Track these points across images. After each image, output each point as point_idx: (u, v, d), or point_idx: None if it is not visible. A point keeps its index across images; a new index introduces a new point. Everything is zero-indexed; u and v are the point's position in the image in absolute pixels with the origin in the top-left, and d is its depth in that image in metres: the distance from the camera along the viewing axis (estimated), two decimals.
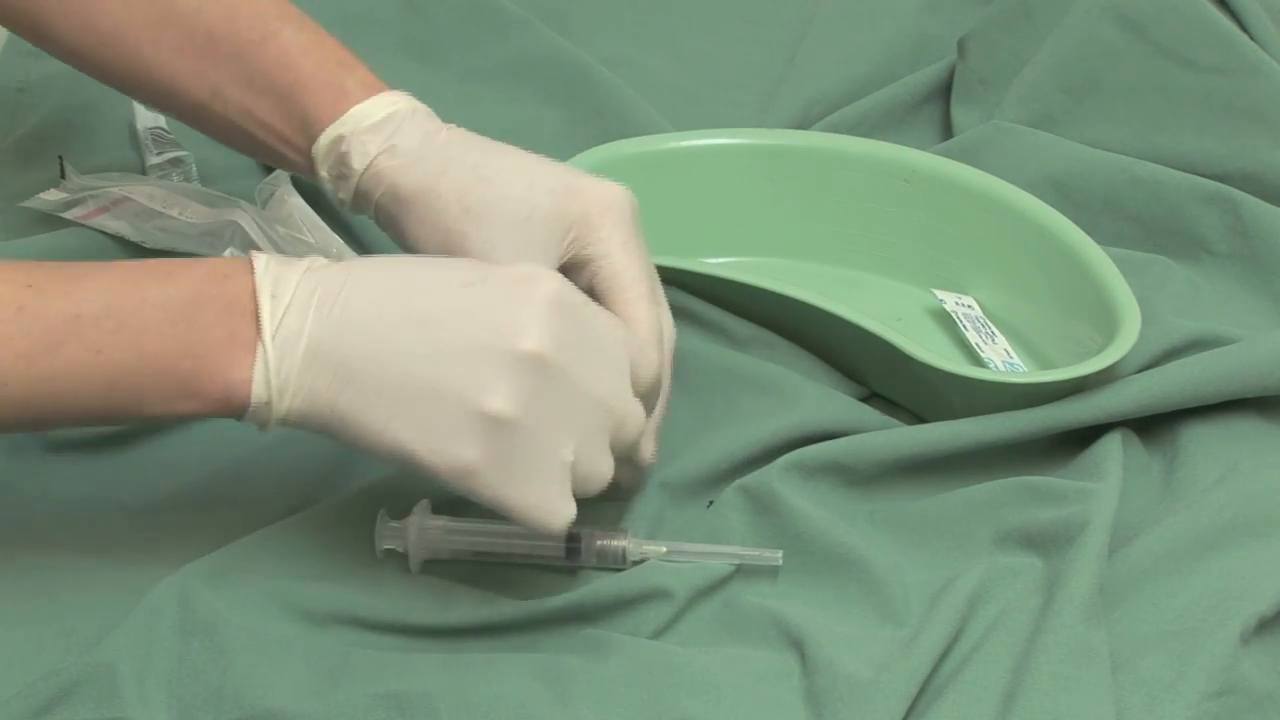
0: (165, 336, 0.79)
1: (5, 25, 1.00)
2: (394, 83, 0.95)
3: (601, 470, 0.82)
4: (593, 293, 0.88)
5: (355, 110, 0.93)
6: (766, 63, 1.30)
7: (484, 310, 0.79)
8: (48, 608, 0.86)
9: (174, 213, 1.07)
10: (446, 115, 1.14)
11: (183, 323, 0.79)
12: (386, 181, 0.92)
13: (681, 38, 1.34)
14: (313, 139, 0.93)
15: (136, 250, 1.07)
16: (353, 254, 1.07)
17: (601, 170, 1.06)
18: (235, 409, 0.81)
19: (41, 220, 1.09)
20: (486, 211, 0.89)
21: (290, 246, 1.04)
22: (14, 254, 1.06)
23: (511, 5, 1.30)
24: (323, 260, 0.82)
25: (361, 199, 0.93)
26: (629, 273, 0.89)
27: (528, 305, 0.79)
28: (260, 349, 0.80)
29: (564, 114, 1.22)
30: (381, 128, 0.92)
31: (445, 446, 0.79)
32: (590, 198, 0.90)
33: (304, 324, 0.80)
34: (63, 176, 1.11)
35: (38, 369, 0.78)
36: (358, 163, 0.92)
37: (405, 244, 0.92)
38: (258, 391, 0.80)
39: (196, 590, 0.84)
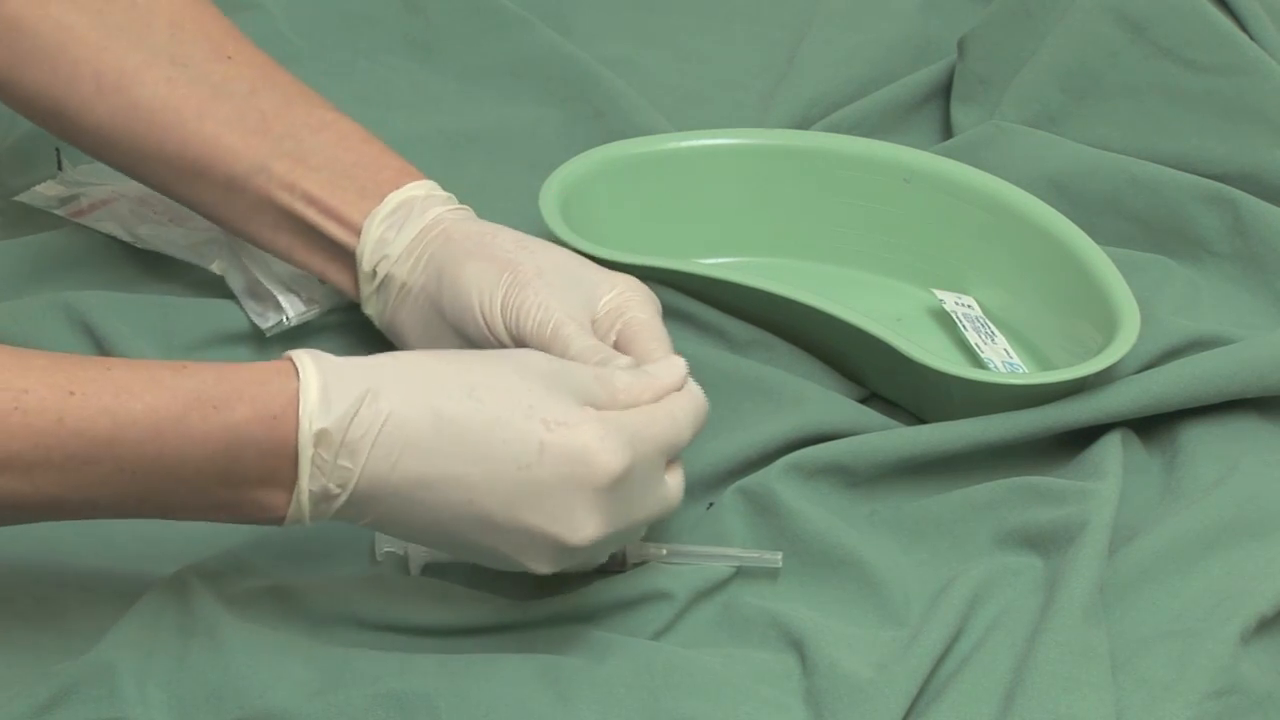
0: (203, 470, 0.79)
1: (30, 118, 1.02)
2: (394, 83, 0.96)
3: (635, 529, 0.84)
4: (619, 344, 0.90)
5: (424, 182, 0.97)
6: (766, 63, 1.30)
7: (541, 502, 0.79)
8: (48, 608, 0.86)
9: (164, 219, 1.07)
10: (446, 115, 1.14)
11: (222, 459, 0.79)
12: (443, 226, 0.94)
13: (681, 38, 1.34)
14: (368, 209, 0.96)
15: (129, 250, 1.07)
16: None
17: (602, 170, 1.07)
18: (270, 524, 0.82)
19: (38, 217, 1.09)
20: (542, 250, 0.93)
21: (273, 264, 1.03)
22: (13, 253, 1.06)
23: (511, 5, 1.30)
24: (367, 389, 0.79)
25: (408, 255, 0.95)
26: (659, 329, 0.91)
27: (585, 496, 0.79)
28: (295, 499, 0.79)
29: (564, 114, 1.22)
30: (449, 200, 0.97)
31: (478, 550, 0.82)
32: (629, 279, 0.93)
33: (351, 478, 0.79)
34: (59, 168, 1.11)
35: (72, 479, 0.78)
36: (418, 217, 0.95)
37: (445, 283, 0.93)
38: (306, 514, 0.80)
39: (196, 590, 0.84)
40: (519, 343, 0.90)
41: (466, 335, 0.93)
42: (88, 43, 0.97)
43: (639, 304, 0.92)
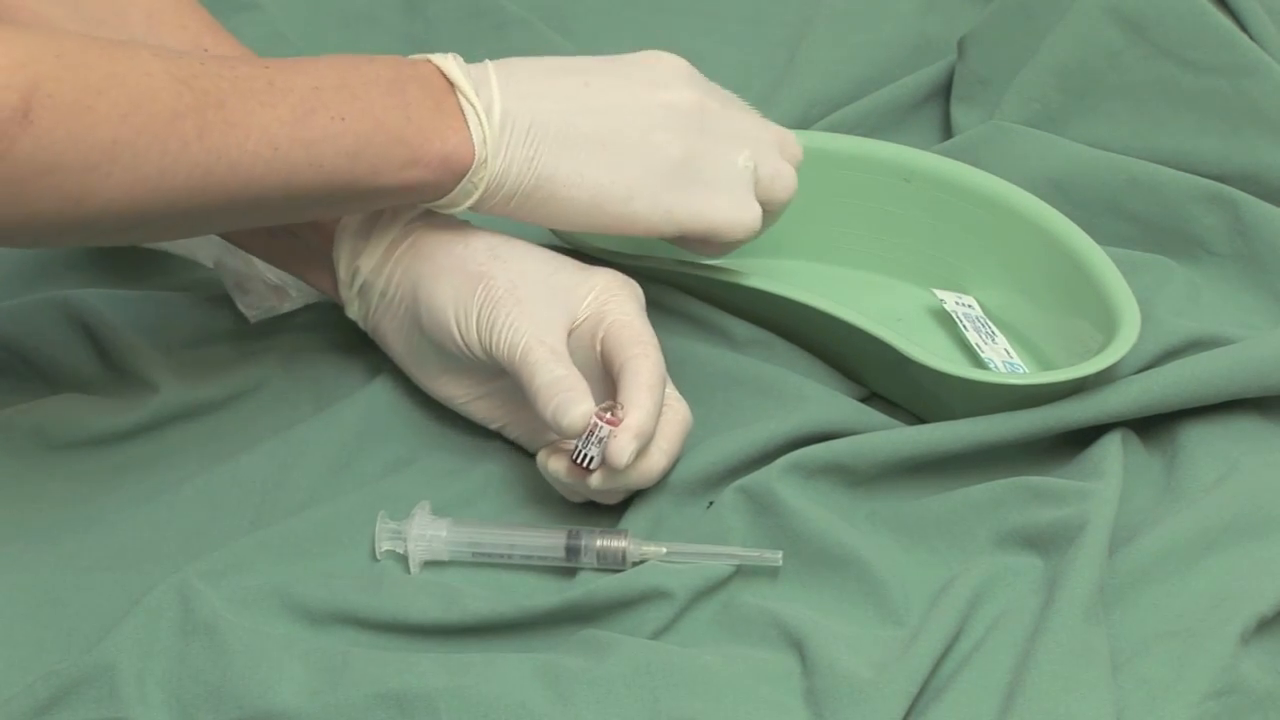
0: (389, 106, 0.87)
1: None
2: None
3: (784, 173, 0.96)
4: (603, 347, 0.90)
5: None
6: (766, 63, 1.30)
7: (636, 71, 0.93)
8: (48, 608, 0.86)
9: None
10: None
11: (398, 94, 0.88)
12: (413, 236, 0.94)
13: (682, 38, 1.33)
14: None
15: (125, 249, 1.08)
16: None
17: None
18: (455, 172, 0.89)
19: None
20: (516, 258, 0.92)
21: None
22: (13, 254, 1.06)
23: (511, 5, 1.30)
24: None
25: (381, 265, 0.94)
26: (642, 329, 0.91)
27: (669, 65, 0.93)
28: (471, 112, 0.88)
29: None
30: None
31: (636, 184, 0.91)
32: (608, 275, 0.93)
33: (492, 95, 0.89)
34: None
35: (298, 134, 0.84)
36: (388, 224, 0.94)
37: (421, 298, 0.93)
38: (477, 151, 0.88)
39: (196, 590, 0.84)
40: (493, 361, 0.90)
41: (444, 349, 0.93)
42: None
43: (619, 303, 0.91)
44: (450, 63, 0.89)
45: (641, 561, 0.88)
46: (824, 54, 1.27)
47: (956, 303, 1.04)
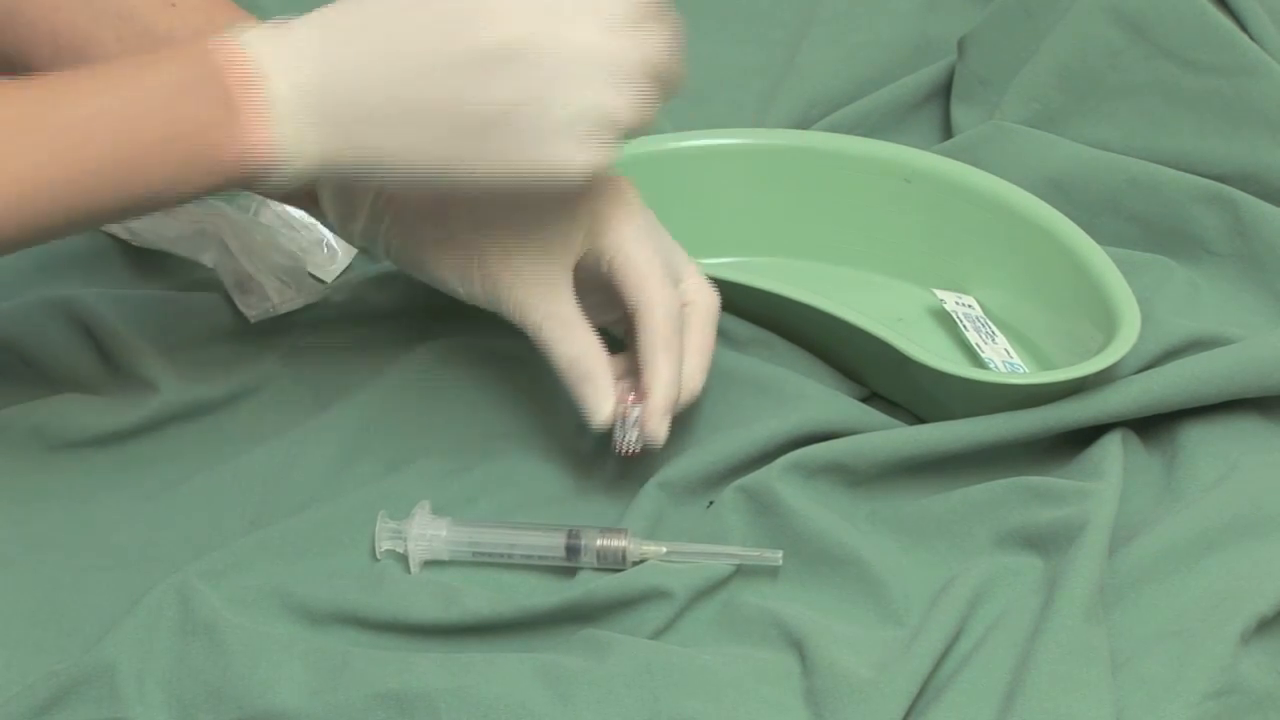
0: (177, 118, 0.83)
1: None
2: None
3: (619, 105, 0.84)
4: (612, 283, 0.90)
5: None
6: (766, 63, 1.30)
7: (450, 13, 0.83)
8: (48, 608, 0.86)
9: (159, 213, 1.07)
10: None
11: (189, 101, 0.82)
12: (390, 218, 0.93)
13: (681, 37, 1.34)
14: None
15: (126, 249, 1.08)
16: (335, 247, 1.08)
17: None
18: (261, 168, 0.83)
19: None
20: (498, 218, 0.90)
21: (264, 254, 1.04)
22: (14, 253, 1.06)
23: None
24: (283, 20, 0.85)
25: (371, 240, 0.94)
26: (639, 258, 0.89)
27: None
28: (268, 108, 0.82)
29: None
30: None
31: (462, 149, 0.83)
32: (590, 204, 0.90)
33: (298, 79, 0.82)
34: None
35: (61, 174, 0.82)
36: (363, 195, 0.93)
37: (424, 270, 0.93)
38: (277, 147, 0.83)
39: (196, 590, 0.84)
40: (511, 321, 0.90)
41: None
42: (41, 3, 0.96)
43: (614, 231, 0.90)
44: (257, 43, 0.83)
45: (641, 561, 0.88)
46: (824, 54, 1.27)
47: (956, 303, 1.04)
